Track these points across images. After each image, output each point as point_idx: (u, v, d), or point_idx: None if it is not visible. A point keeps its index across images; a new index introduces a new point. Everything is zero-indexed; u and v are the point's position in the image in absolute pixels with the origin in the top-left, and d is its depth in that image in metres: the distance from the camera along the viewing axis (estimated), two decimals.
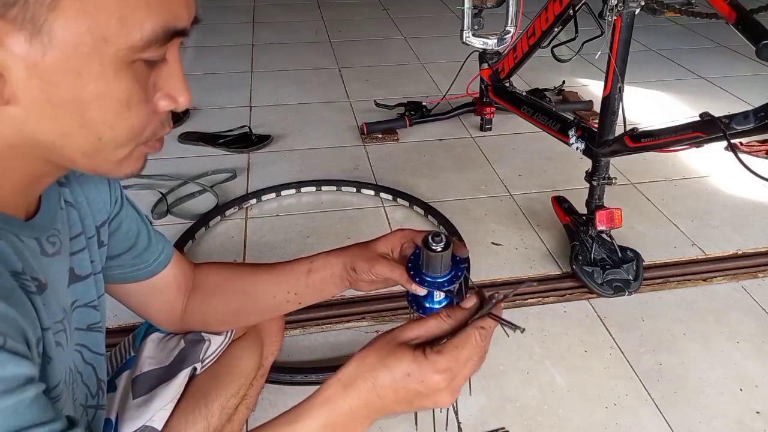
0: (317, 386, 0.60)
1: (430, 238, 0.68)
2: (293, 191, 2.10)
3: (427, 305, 0.72)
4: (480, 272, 1.72)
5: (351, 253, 0.80)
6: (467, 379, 0.60)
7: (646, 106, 2.76)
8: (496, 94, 2.21)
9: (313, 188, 2.11)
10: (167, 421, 0.84)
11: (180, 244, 1.78)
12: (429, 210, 1.97)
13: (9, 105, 0.47)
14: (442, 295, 0.71)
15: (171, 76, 0.53)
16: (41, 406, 0.47)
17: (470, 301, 0.63)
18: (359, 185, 2.11)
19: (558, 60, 1.81)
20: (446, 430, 1.18)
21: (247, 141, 2.39)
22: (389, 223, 1.95)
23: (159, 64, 0.52)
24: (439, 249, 0.67)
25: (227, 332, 0.92)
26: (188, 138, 2.42)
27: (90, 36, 0.45)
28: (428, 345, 0.59)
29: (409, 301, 0.74)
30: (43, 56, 0.45)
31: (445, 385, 0.58)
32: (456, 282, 0.70)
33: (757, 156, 2.28)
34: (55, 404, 0.54)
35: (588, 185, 1.68)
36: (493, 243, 1.86)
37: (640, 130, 1.50)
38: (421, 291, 0.71)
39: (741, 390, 1.38)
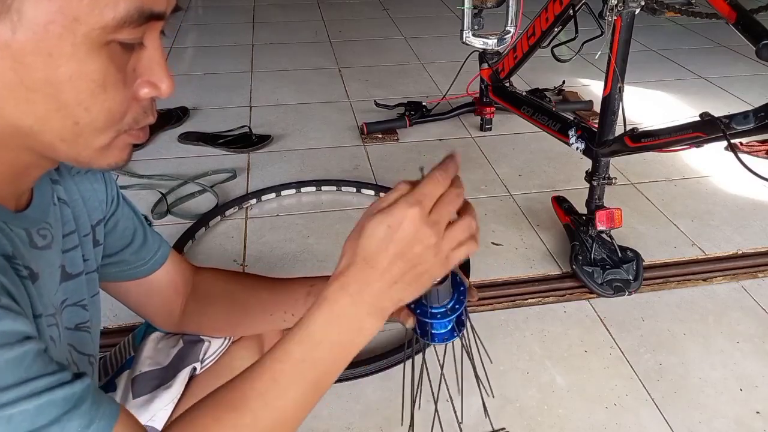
0: None
1: None
2: (293, 191, 2.10)
3: (434, 331, 0.65)
4: (480, 272, 1.72)
5: None
6: (447, 213, 0.55)
7: (646, 106, 2.76)
8: (496, 94, 2.21)
9: (313, 188, 2.11)
10: (167, 422, 0.84)
11: (180, 244, 1.78)
12: None
13: None
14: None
15: (151, 63, 0.52)
16: (46, 360, 0.47)
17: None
18: (359, 185, 2.11)
19: (558, 60, 1.81)
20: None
21: (247, 141, 2.39)
22: None
23: (138, 50, 0.51)
24: (435, 282, 0.59)
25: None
26: (188, 138, 2.42)
27: (61, 15, 0.45)
28: None
29: (414, 329, 0.68)
30: (13, 36, 0.45)
31: (418, 206, 0.53)
32: (460, 309, 0.64)
33: (757, 156, 2.28)
34: None
35: (588, 185, 1.68)
36: (493, 243, 1.86)
37: (640, 130, 1.50)
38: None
39: (741, 390, 1.38)
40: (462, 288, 0.65)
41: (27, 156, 0.54)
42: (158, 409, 0.83)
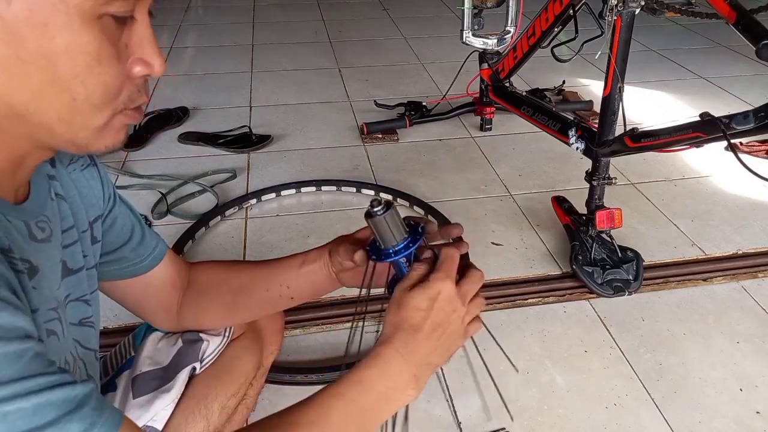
0: (317, 386, 0.61)
1: (369, 205, 0.69)
2: (293, 191, 2.10)
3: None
4: None
5: (335, 242, 0.84)
6: (473, 290, 0.69)
7: (646, 106, 2.76)
8: (496, 94, 2.21)
9: (313, 188, 2.11)
10: (167, 421, 0.84)
11: (180, 244, 1.78)
12: (429, 210, 1.97)
13: None
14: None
15: (143, 40, 0.53)
16: (45, 361, 0.46)
17: (428, 253, 0.72)
18: (359, 185, 2.11)
19: (558, 60, 1.81)
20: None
21: (247, 141, 2.39)
22: None
23: (129, 25, 0.52)
24: (380, 212, 0.68)
25: (225, 332, 0.93)
26: (188, 138, 2.42)
27: None
28: None
29: (389, 290, 0.74)
30: (8, 7, 0.45)
31: (450, 280, 0.67)
32: (413, 246, 0.71)
33: (757, 156, 2.28)
34: None
35: (588, 185, 1.68)
36: (493, 243, 1.86)
37: (640, 130, 1.50)
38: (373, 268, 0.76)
39: (741, 390, 1.38)
40: (420, 233, 0.74)
41: (24, 143, 0.54)
42: (159, 410, 0.83)
